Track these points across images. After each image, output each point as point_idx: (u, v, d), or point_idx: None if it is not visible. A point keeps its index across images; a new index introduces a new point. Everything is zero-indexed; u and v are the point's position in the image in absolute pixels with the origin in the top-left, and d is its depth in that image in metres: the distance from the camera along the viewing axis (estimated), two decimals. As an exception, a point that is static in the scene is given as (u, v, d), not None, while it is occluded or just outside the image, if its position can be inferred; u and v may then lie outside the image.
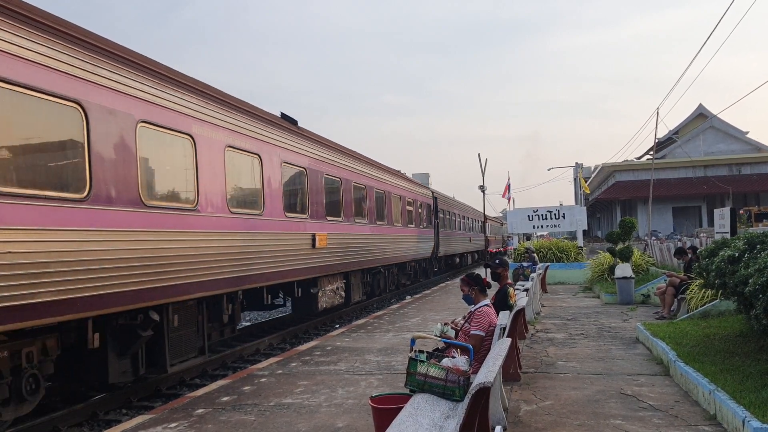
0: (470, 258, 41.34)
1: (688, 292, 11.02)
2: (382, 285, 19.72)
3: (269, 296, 12.10)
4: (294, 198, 12.26)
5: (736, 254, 7.22)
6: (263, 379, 7.88)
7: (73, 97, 6.55)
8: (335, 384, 7.43)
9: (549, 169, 66.05)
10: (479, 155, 27.73)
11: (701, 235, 27.39)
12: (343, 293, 15.46)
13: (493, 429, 4.31)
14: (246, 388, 7.45)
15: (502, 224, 71.60)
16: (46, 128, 6.41)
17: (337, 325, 14.88)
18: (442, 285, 23.50)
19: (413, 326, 12.09)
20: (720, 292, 8.47)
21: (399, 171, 23.11)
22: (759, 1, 25.17)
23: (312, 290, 13.47)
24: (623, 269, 14.74)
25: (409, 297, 20.24)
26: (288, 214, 11.72)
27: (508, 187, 37.43)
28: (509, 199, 39.64)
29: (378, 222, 17.95)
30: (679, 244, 19.60)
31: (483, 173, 28.85)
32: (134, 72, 7.63)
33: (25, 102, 6.03)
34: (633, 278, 14.95)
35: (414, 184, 24.24)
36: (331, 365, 8.61)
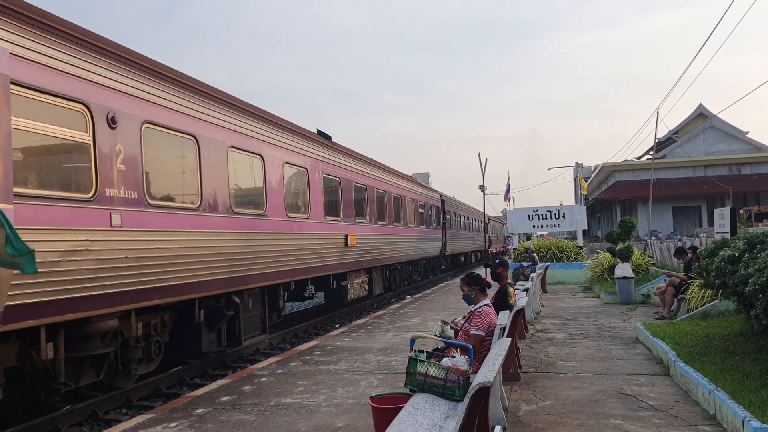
0: (474, 257, 42.85)
1: (688, 292, 11.02)
2: (398, 280, 21.39)
3: (306, 288, 14.32)
4: (331, 203, 14.21)
5: (736, 254, 7.22)
6: (263, 379, 7.88)
7: (191, 132, 8.78)
8: (335, 384, 7.44)
9: (549, 169, 66.06)
10: (479, 155, 27.73)
11: (701, 235, 27.40)
12: (366, 286, 17.41)
13: (493, 429, 4.31)
14: (246, 387, 7.45)
15: (503, 224, 71.72)
16: (180, 158, 8.66)
17: (337, 325, 14.88)
18: (442, 285, 23.49)
19: (413, 326, 12.09)
20: (720, 292, 8.48)
21: (411, 176, 24.66)
22: (759, 1, 25.18)
23: (342, 283, 15.38)
24: (623, 269, 14.74)
25: (409, 297, 20.24)
26: (327, 218, 13.73)
27: (508, 188, 37.43)
28: (509, 200, 39.66)
29: (395, 224, 19.86)
30: (679, 244, 19.60)
31: (483, 173, 28.85)
32: (228, 109, 9.88)
33: (170, 139, 8.38)
34: (633, 278, 14.94)
35: (424, 188, 25.98)
36: (331, 365, 8.61)
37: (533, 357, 8.52)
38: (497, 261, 8.70)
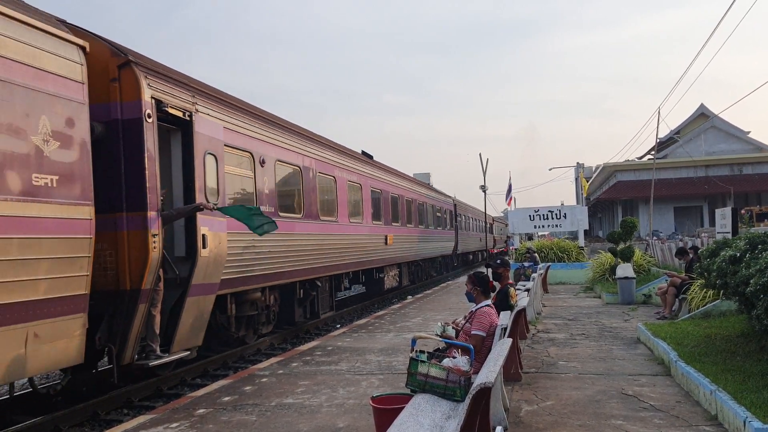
0: (480, 256, 45.20)
1: (689, 292, 11.01)
2: (420, 275, 24.99)
3: (358, 278, 17.53)
4: (376, 210, 17.80)
5: (738, 254, 7.21)
6: (264, 379, 7.89)
7: (296, 163, 12.33)
8: (336, 384, 7.44)
9: (550, 169, 66.03)
10: (480, 155, 27.71)
11: (702, 235, 27.37)
12: (397, 279, 20.84)
13: (494, 429, 4.31)
14: (247, 388, 7.45)
15: (506, 225, 71.93)
16: (292, 181, 12.30)
17: (338, 325, 14.89)
18: (443, 285, 23.49)
19: (414, 326, 12.09)
20: (721, 292, 8.46)
21: (429, 184, 28.51)
22: (760, 0, 25.15)
23: (380, 275, 18.87)
24: (624, 269, 14.73)
25: (410, 297, 20.25)
26: (373, 222, 17.36)
27: (510, 188, 37.44)
28: (510, 200, 39.67)
29: (419, 226, 23.22)
30: (681, 244, 19.58)
31: (484, 173, 28.80)
32: (315, 145, 13.57)
33: (287, 169, 11.99)
34: (634, 278, 14.94)
35: (440, 194, 29.50)
36: (332, 365, 8.61)
37: (534, 357, 8.52)
38: (498, 261, 8.69)
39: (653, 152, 44.22)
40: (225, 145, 9.37)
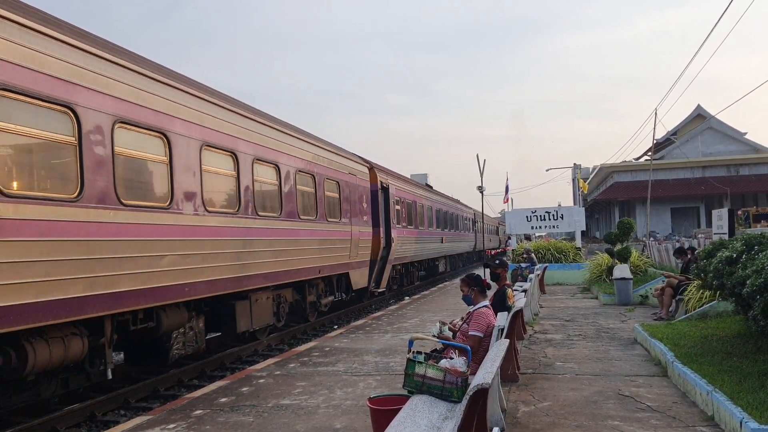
0: (490, 253, 52.98)
1: (686, 293, 11.03)
2: (454, 265, 36.10)
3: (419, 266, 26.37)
4: (431, 219, 26.73)
5: (734, 255, 7.23)
6: (261, 380, 7.88)
7: (422, 203, 25.13)
8: (333, 385, 7.43)
9: (547, 170, 66.13)
10: (477, 156, 27.80)
11: (699, 236, 27.42)
12: (444, 266, 31.29)
13: (491, 430, 4.31)
14: (244, 389, 7.45)
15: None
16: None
17: (336, 326, 14.88)
18: (440, 286, 23.51)
19: (411, 327, 12.09)
20: (718, 293, 8.49)
21: (459, 200, 38.20)
22: (757, 2, 25.19)
23: (436, 263, 29.08)
24: (621, 270, 14.75)
25: (407, 298, 20.27)
26: (434, 228, 27.36)
27: (507, 188, 37.47)
28: (507, 200, 39.69)
29: (455, 230, 33.90)
30: (677, 245, 19.61)
31: (482, 174, 28.74)
32: (409, 184, 24.31)
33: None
34: (631, 279, 14.96)
35: (467, 207, 40.09)
36: (329, 366, 8.61)
37: (532, 358, 8.52)
38: (497, 262, 8.70)
39: (650, 153, 44.29)
40: (395, 197, 20.05)
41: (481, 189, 31.55)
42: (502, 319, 6.15)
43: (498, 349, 4.62)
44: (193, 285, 8.51)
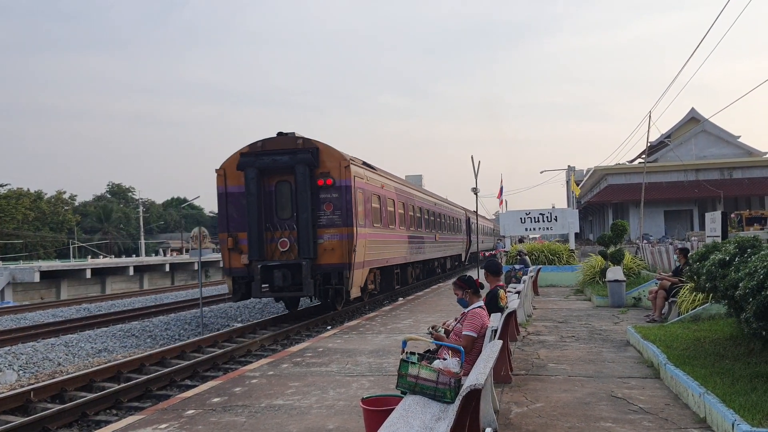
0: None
1: (679, 295, 11.07)
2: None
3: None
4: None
5: (727, 258, 7.25)
6: (254, 381, 7.86)
7: (459, 217, 37.95)
8: (326, 385, 7.42)
9: (542, 172, 66.25)
10: (472, 157, 27.92)
11: (692, 238, 27.55)
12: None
13: (484, 431, 4.31)
14: (237, 389, 7.42)
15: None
16: (458, 224, 37.12)
17: (329, 327, 14.87)
18: (434, 287, 23.53)
19: (405, 328, 12.09)
20: (711, 295, 8.51)
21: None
22: (750, 7, 25.36)
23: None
24: (615, 272, 14.78)
25: (401, 299, 20.26)
26: (468, 237, 40.08)
27: (501, 190, 37.59)
28: (501, 202, 39.83)
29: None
30: (671, 248, 19.69)
31: (476, 175, 28.83)
32: (457, 206, 39.40)
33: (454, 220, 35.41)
34: (624, 281, 14.99)
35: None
36: (322, 367, 8.59)
37: (524, 359, 8.53)
38: (491, 263, 8.70)
39: (644, 156, 44.50)
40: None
41: (475, 190, 31.61)
42: (495, 320, 6.16)
43: (491, 349, 4.62)
44: (395, 258, 20.62)
